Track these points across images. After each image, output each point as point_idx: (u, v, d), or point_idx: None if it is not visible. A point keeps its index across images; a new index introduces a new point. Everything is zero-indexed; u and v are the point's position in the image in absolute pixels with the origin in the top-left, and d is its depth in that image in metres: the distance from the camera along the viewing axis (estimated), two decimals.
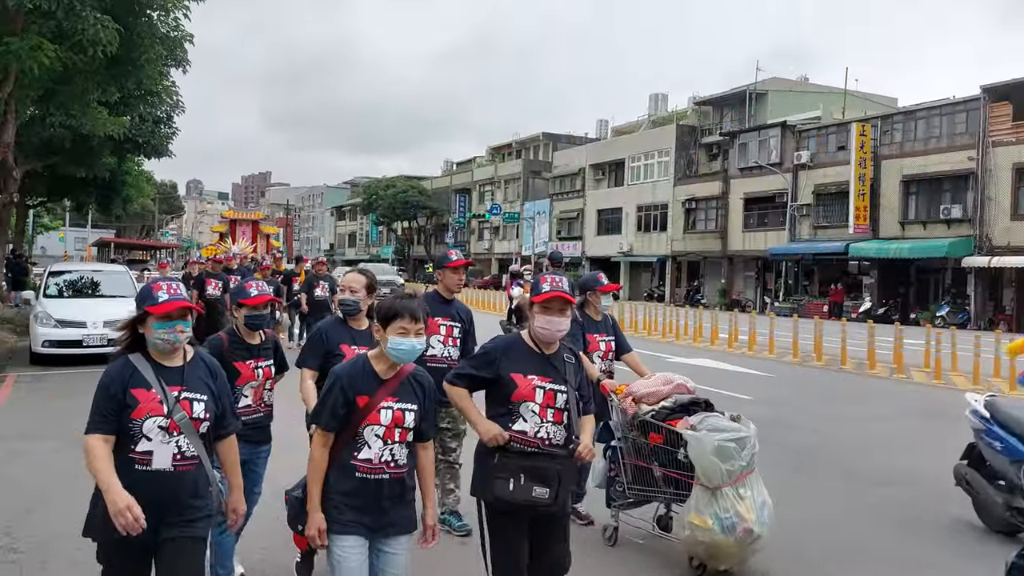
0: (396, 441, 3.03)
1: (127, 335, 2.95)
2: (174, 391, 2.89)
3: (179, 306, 2.87)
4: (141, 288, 2.91)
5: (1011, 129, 27.84)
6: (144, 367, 2.89)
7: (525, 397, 3.33)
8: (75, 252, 52.65)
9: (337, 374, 3.07)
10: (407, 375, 3.11)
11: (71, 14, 10.85)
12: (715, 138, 43.38)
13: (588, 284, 5.40)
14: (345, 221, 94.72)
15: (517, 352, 3.43)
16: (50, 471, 6.44)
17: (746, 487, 4.34)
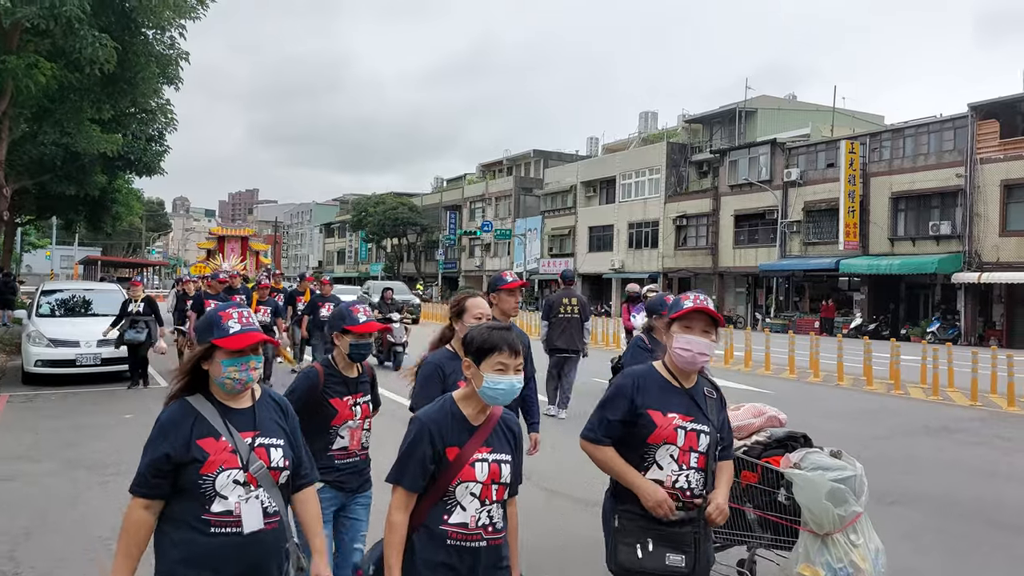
0: (494, 500, 2.56)
1: (185, 373, 2.48)
2: (246, 437, 2.46)
3: (255, 339, 2.44)
4: (204, 316, 2.51)
5: (998, 146, 28.13)
6: (209, 411, 2.45)
7: (666, 439, 2.85)
8: (61, 270, 52.27)
9: (423, 421, 2.59)
10: (497, 420, 2.67)
11: (69, 33, 10.82)
12: (705, 155, 43.65)
13: (654, 308, 4.89)
14: (334, 238, 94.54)
15: (652, 385, 2.95)
16: (48, 494, 6.34)
17: (858, 532, 3.89)
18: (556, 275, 51.68)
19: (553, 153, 63.31)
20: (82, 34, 10.82)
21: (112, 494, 6.33)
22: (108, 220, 30.53)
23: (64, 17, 10.39)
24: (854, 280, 33.57)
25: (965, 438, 9.65)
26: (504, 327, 2.65)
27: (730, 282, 40.11)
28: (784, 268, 35.34)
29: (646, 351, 4.69)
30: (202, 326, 2.48)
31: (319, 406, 3.55)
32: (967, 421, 10.84)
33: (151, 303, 12.18)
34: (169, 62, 14.58)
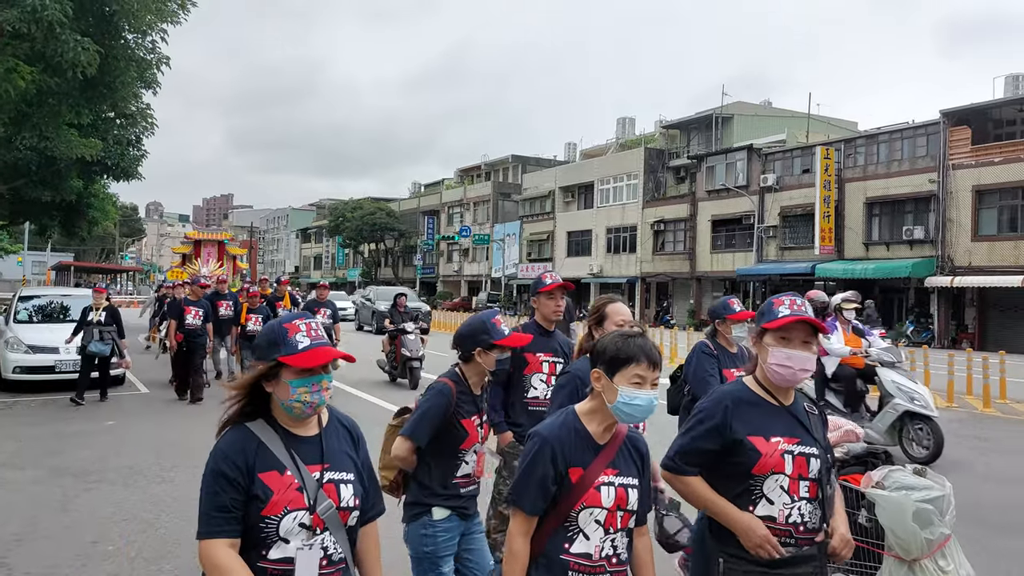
0: (619, 528, 2.31)
1: (244, 394, 2.12)
2: (314, 472, 2.10)
3: (329, 356, 2.08)
4: (267, 329, 2.15)
5: (970, 152, 28.63)
6: (272, 440, 2.09)
7: (773, 468, 2.47)
8: (33, 276, 51.52)
9: (544, 436, 2.32)
10: (623, 439, 2.41)
11: (51, 37, 10.73)
12: (682, 161, 44.00)
13: (717, 312, 4.60)
14: (311, 243, 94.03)
15: (748, 405, 2.56)
16: (36, 501, 6.28)
17: (947, 558, 3.51)
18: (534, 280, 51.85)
19: (531, 158, 63.49)
20: (64, 38, 10.73)
21: (99, 500, 6.30)
22: (84, 225, 30.15)
23: (46, 21, 10.31)
24: (830, 284, 33.92)
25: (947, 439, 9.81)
26: (640, 335, 2.37)
27: (707, 287, 40.42)
28: (761, 272, 35.69)
29: (712, 357, 4.34)
30: (265, 341, 2.12)
31: (449, 427, 3.24)
32: (944, 422, 10.99)
33: (114, 313, 11.49)
34: (149, 66, 14.48)
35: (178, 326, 11.67)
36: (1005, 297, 27.77)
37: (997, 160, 27.80)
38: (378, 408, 11.10)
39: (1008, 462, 8.59)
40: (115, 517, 5.85)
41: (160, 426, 9.61)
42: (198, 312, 11.83)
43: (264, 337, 2.13)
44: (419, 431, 3.19)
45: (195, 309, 11.86)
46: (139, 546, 5.24)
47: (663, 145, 47.92)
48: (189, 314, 11.75)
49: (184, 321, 11.68)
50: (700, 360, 4.56)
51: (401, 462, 3.26)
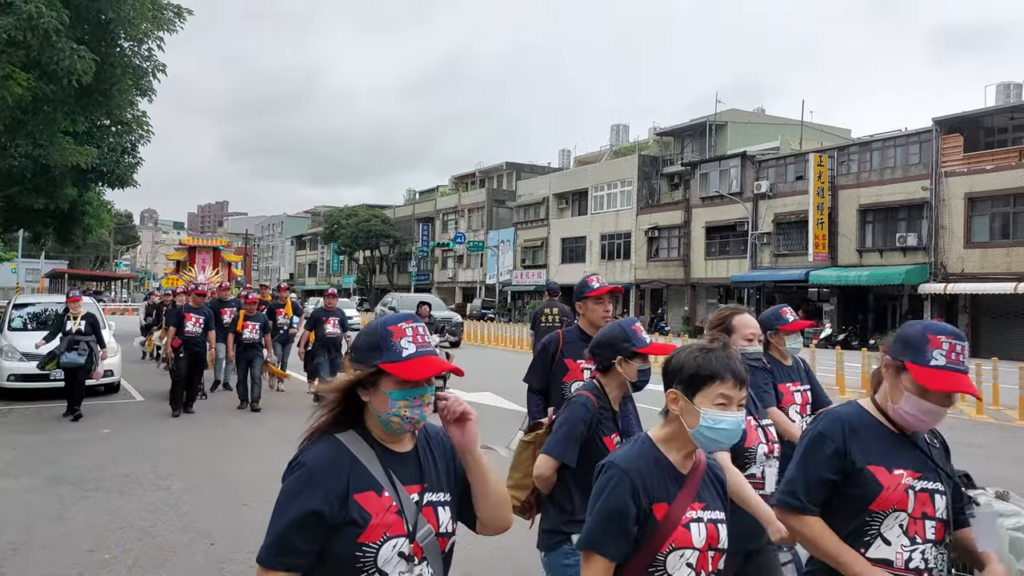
0: (712, 571, 2.07)
1: (337, 401, 1.86)
2: (412, 493, 1.84)
3: (435, 368, 1.81)
4: (369, 330, 1.90)
5: (962, 160, 28.81)
6: (366, 455, 1.82)
7: (896, 504, 2.18)
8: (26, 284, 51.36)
9: (622, 468, 2.03)
10: (704, 468, 2.14)
11: (47, 44, 10.74)
12: (676, 168, 44.14)
13: (768, 322, 4.20)
14: (306, 250, 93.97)
15: (868, 431, 2.26)
16: (31, 510, 6.27)
17: None
18: (529, 287, 51.84)
19: (525, 165, 63.58)
20: (59, 46, 10.75)
21: (95, 509, 6.29)
22: (78, 233, 30.11)
23: (42, 29, 10.33)
24: (823, 291, 34.10)
25: None
26: (722, 347, 2.08)
27: (702, 293, 40.52)
28: (755, 279, 35.79)
29: (765, 371, 4.02)
30: (365, 343, 1.86)
31: (589, 446, 2.96)
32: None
33: (93, 322, 10.86)
34: (145, 74, 14.49)
35: (177, 333, 11.22)
36: (997, 304, 27.90)
37: (989, 168, 27.97)
38: None
39: (1001, 468, 8.64)
40: (111, 525, 5.85)
41: (156, 434, 9.60)
42: (198, 320, 11.37)
43: (365, 338, 1.88)
44: (567, 449, 2.94)
45: (196, 316, 11.39)
46: (135, 554, 5.24)
47: (657, 152, 48.08)
48: (189, 321, 11.30)
49: (184, 329, 11.22)
50: (753, 374, 4.29)
51: (542, 482, 3.02)
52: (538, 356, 4.28)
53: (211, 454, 8.49)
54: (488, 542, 3.98)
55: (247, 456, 8.42)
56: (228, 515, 6.13)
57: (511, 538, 3.42)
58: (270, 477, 7.67)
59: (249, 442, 9.22)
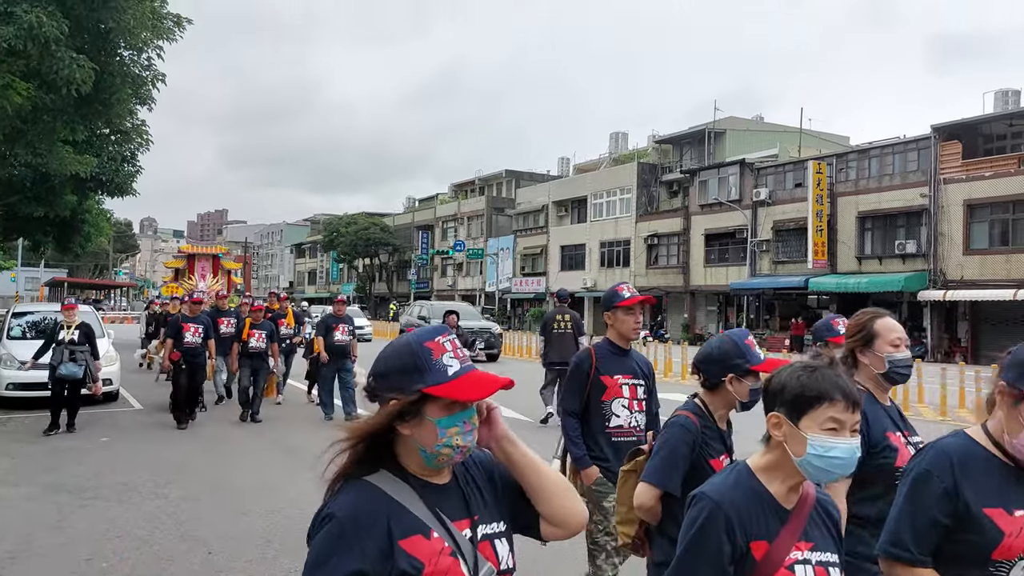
0: None
1: (362, 438, 1.57)
2: (463, 528, 1.60)
3: (493, 384, 1.56)
4: (401, 350, 1.59)
5: (961, 167, 28.87)
6: (405, 494, 1.56)
7: (1021, 552, 1.88)
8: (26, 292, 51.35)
9: (716, 502, 1.81)
10: (813, 502, 1.88)
11: (46, 54, 10.78)
12: (675, 175, 44.21)
13: (819, 333, 3.84)
14: (305, 259, 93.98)
15: (980, 468, 1.95)
16: (30, 518, 6.26)
17: None
18: (529, 294, 51.76)
19: (525, 173, 63.68)
20: (59, 55, 10.79)
21: (94, 517, 6.29)
22: (78, 241, 30.14)
23: (42, 38, 10.36)
24: (823, 298, 34.10)
25: None
26: (828, 366, 1.83)
27: (701, 300, 40.53)
28: (754, 286, 35.80)
29: None
30: (399, 366, 1.57)
31: (697, 470, 2.76)
32: (937, 436, 11.07)
33: (88, 332, 10.35)
34: (144, 83, 14.52)
35: (175, 344, 10.79)
36: (997, 311, 27.90)
37: (987, 174, 28.03)
38: None
39: None
40: (109, 534, 5.84)
41: (154, 442, 9.59)
42: (197, 329, 10.98)
43: (395, 360, 1.58)
44: (669, 476, 2.74)
45: (194, 326, 10.99)
46: (133, 563, 5.23)
47: (656, 160, 48.16)
48: (188, 331, 10.89)
49: (183, 339, 10.81)
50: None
51: (645, 513, 2.81)
52: (571, 377, 3.99)
53: (210, 463, 8.48)
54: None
55: (246, 465, 8.41)
56: (226, 524, 6.12)
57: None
58: (268, 486, 7.69)
59: (248, 451, 9.21)
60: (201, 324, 11.10)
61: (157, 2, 13.28)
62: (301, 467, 8.22)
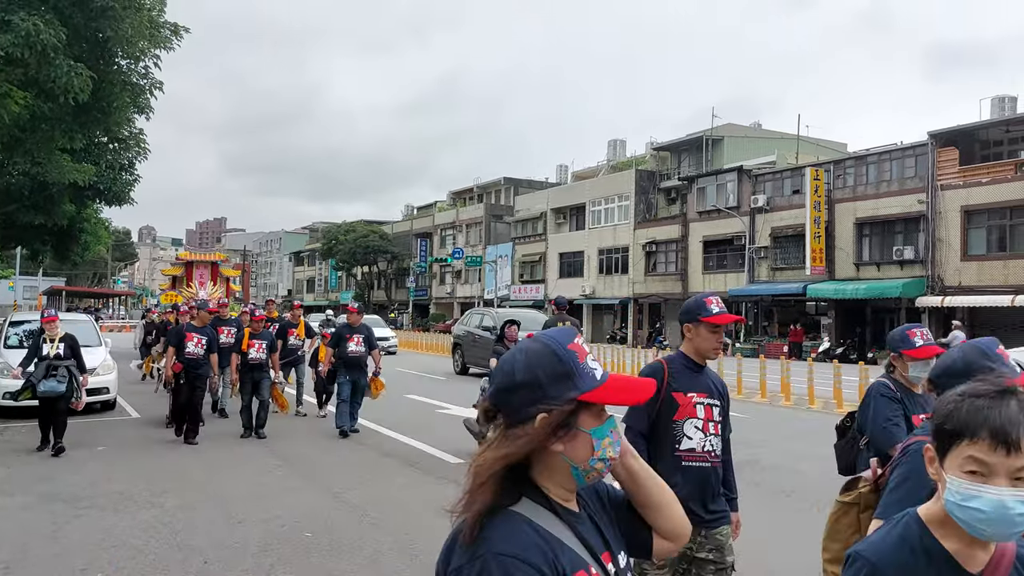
0: None
1: (507, 461, 1.34)
2: (608, 561, 1.43)
3: (647, 387, 1.41)
4: (541, 354, 1.38)
5: (958, 173, 28.92)
6: (558, 527, 1.35)
7: None
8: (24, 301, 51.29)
9: (872, 563, 1.50)
10: (1011, 563, 1.47)
11: (44, 62, 10.80)
12: (673, 182, 44.28)
13: (894, 343, 3.55)
14: (303, 266, 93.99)
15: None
16: (25, 528, 6.24)
17: None
18: (527, 302, 51.77)
19: (523, 180, 63.76)
20: (57, 63, 10.81)
21: (89, 527, 6.26)
22: (76, 250, 30.15)
23: (40, 46, 10.38)
24: (821, 304, 34.11)
25: None
26: (999, 393, 1.43)
27: None
28: (753, 293, 35.81)
29: (894, 401, 3.36)
30: (546, 374, 1.36)
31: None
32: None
33: (73, 344, 9.65)
34: (142, 91, 14.56)
35: (177, 355, 10.24)
36: (995, 316, 27.90)
37: (985, 180, 28.07)
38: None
39: None
40: (105, 543, 5.82)
41: (151, 451, 9.56)
42: (201, 340, 10.37)
43: (540, 368, 1.37)
44: None
45: (198, 336, 10.39)
46: (128, 572, 5.22)
47: (654, 167, 48.24)
48: (191, 342, 10.30)
49: (184, 350, 10.25)
50: (879, 405, 3.47)
51: None
52: None
53: (207, 472, 8.46)
54: None
55: (243, 474, 8.39)
56: (222, 532, 6.10)
57: None
58: (265, 495, 7.66)
59: (246, 461, 9.18)
60: (205, 335, 10.51)
61: (155, 11, 13.32)
62: (299, 476, 8.21)
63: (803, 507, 7.30)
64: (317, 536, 6.00)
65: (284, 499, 7.15)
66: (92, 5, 11.65)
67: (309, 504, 6.99)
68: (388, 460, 9.20)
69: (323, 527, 6.23)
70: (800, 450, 10.25)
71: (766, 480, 8.35)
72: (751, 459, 9.22)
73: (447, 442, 10.09)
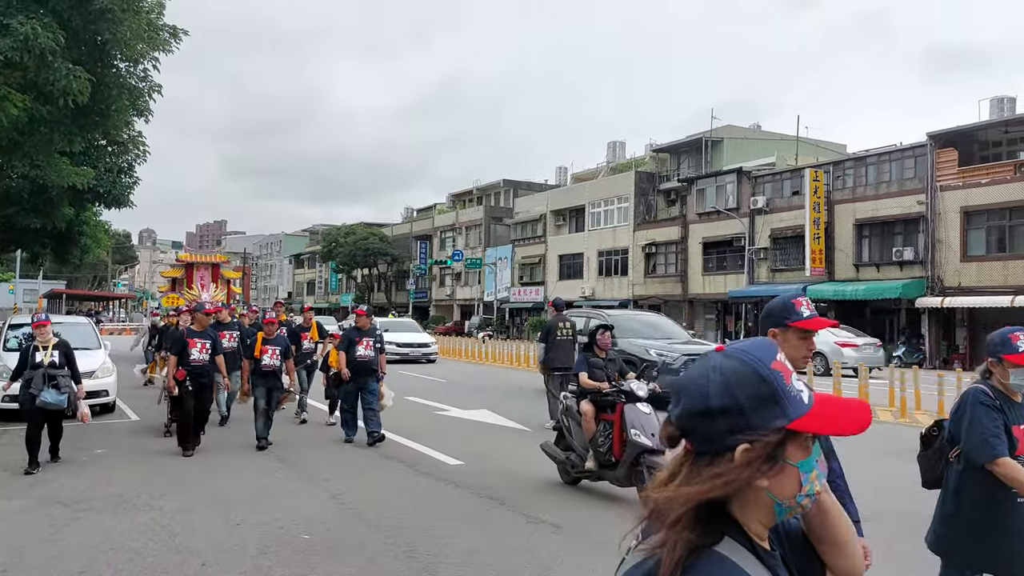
0: None
1: (707, 497, 1.18)
2: None
3: (866, 413, 1.22)
4: (739, 378, 1.19)
5: (957, 174, 28.94)
6: (760, 571, 1.19)
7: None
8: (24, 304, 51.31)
9: None
10: None
11: (43, 65, 10.81)
12: (673, 184, 44.32)
13: (993, 348, 3.32)
14: (304, 269, 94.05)
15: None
16: (22, 530, 6.23)
17: None
18: (527, 304, 51.66)
19: (523, 182, 63.82)
20: (56, 66, 10.81)
21: (87, 530, 6.25)
22: (76, 253, 30.15)
23: (38, 49, 10.39)
24: (821, 305, 34.08)
25: None
26: None
27: (700, 308, 40.54)
28: (753, 294, 35.82)
29: (994, 410, 3.13)
30: (749, 398, 1.18)
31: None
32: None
33: (67, 352, 8.83)
34: (141, 94, 14.56)
35: (180, 362, 9.56)
36: (995, 317, 27.85)
37: (984, 181, 28.09)
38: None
39: None
40: (103, 546, 5.81)
41: (150, 454, 9.55)
42: (204, 345, 9.69)
43: (742, 391, 1.19)
44: None
45: (201, 341, 9.69)
46: (127, 574, 5.21)
47: (653, 168, 48.28)
48: (194, 347, 9.62)
49: (188, 356, 9.57)
50: (977, 414, 3.17)
51: None
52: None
53: (206, 475, 8.45)
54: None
55: (241, 477, 8.38)
56: (221, 535, 6.09)
57: None
58: (264, 497, 7.64)
59: (246, 464, 9.17)
60: (208, 339, 9.83)
61: (153, 14, 13.32)
62: (298, 479, 8.21)
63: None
64: (316, 538, 5.99)
65: (283, 501, 7.14)
66: (91, 8, 11.65)
67: (308, 506, 6.99)
68: (388, 462, 9.19)
69: (322, 529, 6.22)
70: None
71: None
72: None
73: (446, 445, 10.08)
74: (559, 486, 7.95)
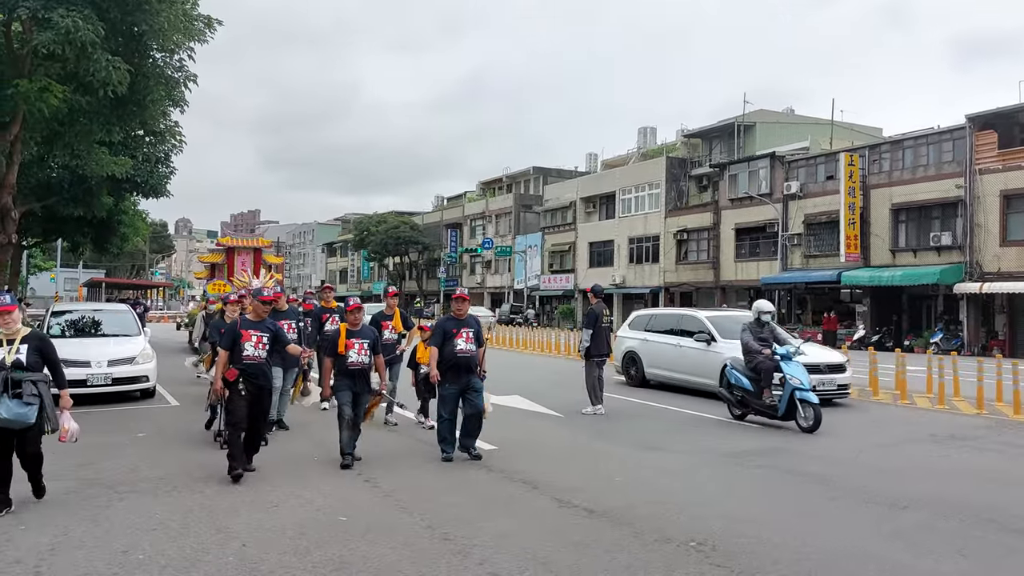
0: None
1: None
2: None
3: None
4: None
5: (997, 157, 28.33)
6: None
7: None
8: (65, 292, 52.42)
9: None
10: None
11: (83, 57, 11.02)
12: (705, 170, 43.92)
13: None
14: (336, 257, 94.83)
15: None
16: (67, 511, 6.40)
17: None
18: (557, 291, 51.61)
19: (552, 170, 63.66)
20: (95, 58, 11.02)
21: (131, 510, 6.41)
22: (115, 242, 30.74)
23: (79, 42, 10.59)
24: (856, 292, 33.67)
25: (973, 445, 9.72)
26: None
27: (732, 296, 40.20)
28: (786, 281, 35.45)
29: None
30: None
31: None
32: (974, 429, 10.91)
33: (40, 348, 6.44)
34: (177, 84, 14.78)
35: (232, 359, 7.53)
36: None
37: None
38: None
39: None
40: (145, 527, 5.95)
41: (191, 438, 9.73)
42: (261, 338, 7.66)
43: None
44: None
45: (257, 334, 7.67)
46: (168, 554, 5.33)
47: (685, 154, 47.88)
48: (248, 341, 7.58)
49: (242, 352, 7.54)
50: None
51: None
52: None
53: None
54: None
55: (281, 460, 8.50)
56: (260, 516, 6.21)
57: None
58: (303, 480, 7.75)
59: (284, 446, 9.31)
60: (266, 331, 7.76)
61: (188, 4, 13.50)
62: (333, 462, 8.31)
63: (837, 495, 7.21)
64: (352, 520, 6.09)
65: (319, 485, 7.25)
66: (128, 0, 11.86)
67: (344, 490, 7.09)
68: (421, 446, 9.28)
69: (357, 511, 6.32)
70: (832, 439, 10.13)
71: (792, 466, 8.26)
72: (790, 448, 9.14)
73: (482, 430, 10.12)
74: (591, 472, 7.99)
